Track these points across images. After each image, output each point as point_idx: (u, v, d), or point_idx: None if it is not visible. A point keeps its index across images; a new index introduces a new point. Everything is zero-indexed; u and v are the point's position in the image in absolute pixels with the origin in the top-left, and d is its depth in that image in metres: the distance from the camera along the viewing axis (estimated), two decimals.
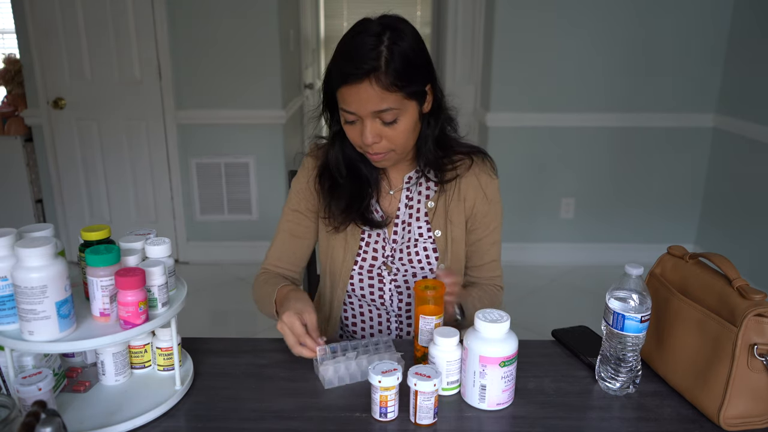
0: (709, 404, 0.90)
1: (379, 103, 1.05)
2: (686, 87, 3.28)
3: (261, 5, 3.20)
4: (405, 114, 1.09)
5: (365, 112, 1.07)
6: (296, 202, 1.27)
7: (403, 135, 1.11)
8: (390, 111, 1.07)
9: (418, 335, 1.03)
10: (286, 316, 1.01)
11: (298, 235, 1.28)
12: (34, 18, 3.16)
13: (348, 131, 1.13)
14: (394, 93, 1.05)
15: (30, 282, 0.80)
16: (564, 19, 3.18)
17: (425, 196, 1.24)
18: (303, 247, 1.29)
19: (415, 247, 1.23)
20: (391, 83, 1.04)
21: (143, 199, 3.49)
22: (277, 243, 1.29)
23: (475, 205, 1.24)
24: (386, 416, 0.90)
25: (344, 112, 1.09)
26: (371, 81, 1.03)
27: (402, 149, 1.14)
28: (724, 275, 0.93)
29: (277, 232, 1.30)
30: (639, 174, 3.42)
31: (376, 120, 1.08)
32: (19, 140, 3.44)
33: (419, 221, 1.24)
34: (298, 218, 1.27)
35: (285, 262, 1.29)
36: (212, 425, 0.91)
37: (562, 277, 3.38)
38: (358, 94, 1.05)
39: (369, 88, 1.04)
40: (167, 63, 3.23)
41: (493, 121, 3.34)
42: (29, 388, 0.81)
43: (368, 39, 1.05)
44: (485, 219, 1.25)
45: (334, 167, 1.21)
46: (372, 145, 1.10)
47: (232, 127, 3.39)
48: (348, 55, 1.06)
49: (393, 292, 1.25)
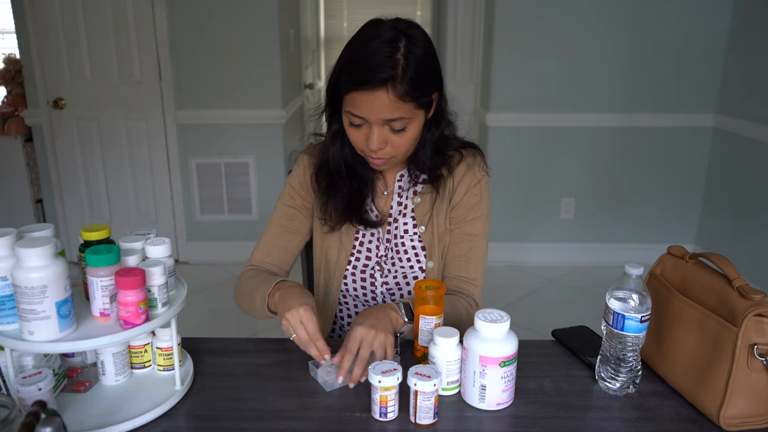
0: (709, 404, 0.90)
1: (392, 112, 1.04)
2: (686, 87, 3.28)
3: (261, 5, 3.20)
4: (413, 123, 1.09)
5: (376, 119, 1.05)
6: (291, 198, 1.26)
7: (408, 143, 1.10)
8: (401, 120, 1.06)
9: (418, 335, 1.03)
10: (304, 310, 0.99)
11: (291, 229, 1.26)
12: (34, 18, 3.16)
13: (351, 133, 1.11)
14: (407, 103, 1.04)
15: (30, 282, 0.80)
16: (564, 19, 3.18)
17: (413, 192, 1.24)
18: (294, 242, 1.27)
19: (403, 246, 1.23)
20: (406, 93, 1.03)
21: (143, 199, 3.49)
22: (268, 237, 1.26)
23: (458, 196, 1.21)
24: (386, 416, 0.90)
25: (351, 116, 1.08)
26: (387, 90, 1.02)
27: (404, 156, 1.14)
28: (724, 275, 0.93)
29: (267, 227, 1.27)
30: (639, 174, 3.42)
31: (384, 127, 1.07)
32: (19, 140, 3.44)
33: (406, 217, 1.23)
34: (292, 213, 1.26)
35: (275, 257, 1.25)
36: (212, 425, 0.91)
37: (562, 277, 3.38)
38: (372, 101, 1.03)
39: (384, 97, 1.02)
40: (167, 63, 3.23)
41: (493, 121, 3.34)
42: (29, 388, 0.81)
43: (384, 46, 1.02)
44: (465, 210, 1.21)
45: (334, 166, 1.19)
46: (377, 151, 1.09)
47: (232, 127, 3.39)
48: (364, 61, 1.03)
49: (385, 295, 1.25)
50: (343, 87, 1.07)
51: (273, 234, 1.26)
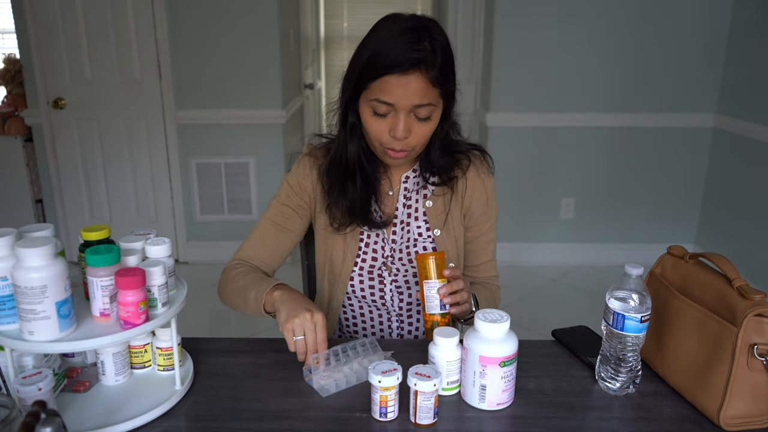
0: (709, 404, 0.90)
1: (423, 97, 1.04)
2: (686, 87, 3.28)
3: (261, 5, 3.21)
4: (436, 113, 1.09)
5: (407, 104, 1.04)
6: (287, 197, 1.25)
7: (429, 133, 1.10)
8: (428, 107, 1.06)
9: (425, 304, 1.04)
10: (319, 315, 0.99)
11: (285, 228, 1.24)
12: (34, 18, 3.16)
13: (374, 124, 1.09)
14: (436, 89, 1.05)
15: (30, 282, 0.80)
16: (564, 19, 3.19)
17: (423, 195, 1.24)
18: (287, 241, 1.25)
19: (414, 247, 1.23)
20: (437, 78, 1.04)
21: (143, 199, 3.49)
22: (259, 234, 1.24)
23: (472, 202, 1.24)
24: (386, 416, 0.90)
25: (378, 104, 1.06)
26: (421, 72, 1.02)
27: (420, 149, 1.13)
28: (724, 275, 0.93)
29: (259, 224, 1.26)
30: (639, 174, 3.43)
31: (411, 114, 1.07)
32: (19, 140, 3.44)
33: (418, 221, 1.23)
34: (287, 212, 1.25)
35: (265, 255, 1.24)
36: (212, 425, 0.91)
37: (562, 277, 3.38)
38: (405, 84, 1.03)
39: (419, 79, 1.03)
40: (167, 63, 3.23)
41: (493, 121, 3.34)
42: (29, 388, 0.81)
43: (410, 33, 1.03)
44: (482, 217, 1.25)
45: (353, 162, 1.17)
46: (402, 140, 1.08)
47: (232, 127, 3.39)
48: (393, 47, 1.02)
49: (394, 293, 1.25)
50: (369, 75, 1.05)
51: (265, 231, 1.25)
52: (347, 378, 0.99)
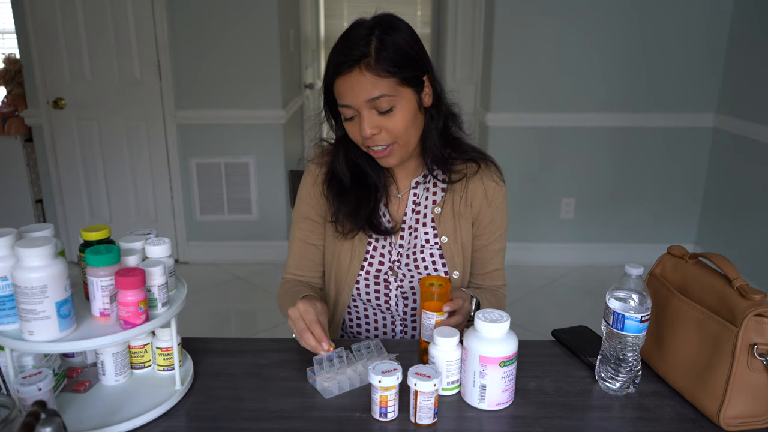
0: (708, 404, 0.90)
1: (371, 90, 1.05)
2: (686, 87, 3.28)
3: (261, 5, 3.21)
4: (401, 102, 1.08)
5: (359, 101, 1.06)
6: (305, 210, 1.27)
7: (401, 124, 1.09)
8: (384, 98, 1.06)
9: (422, 329, 1.05)
10: (302, 303, 1.03)
11: (312, 242, 1.28)
12: (34, 18, 3.16)
13: (349, 129, 1.13)
14: (385, 79, 1.05)
15: (30, 282, 0.80)
16: (564, 19, 3.18)
17: (432, 202, 1.23)
18: (319, 253, 1.29)
19: (421, 253, 1.22)
20: (383, 69, 1.04)
21: (143, 199, 3.49)
22: (294, 252, 1.30)
23: (480, 210, 1.23)
24: (386, 416, 0.90)
25: (342, 108, 1.10)
26: (361, 68, 1.04)
27: (404, 141, 1.12)
28: (724, 275, 0.93)
29: (291, 240, 1.31)
30: (639, 174, 3.43)
31: (372, 110, 1.07)
32: (19, 140, 3.45)
33: (426, 227, 1.23)
34: (309, 225, 1.27)
35: (304, 269, 1.30)
36: (212, 425, 0.91)
37: (562, 277, 3.38)
38: (350, 82, 1.05)
39: (360, 76, 1.04)
40: (167, 63, 3.24)
41: (493, 121, 3.34)
42: (29, 388, 0.81)
43: (360, 30, 1.07)
44: (490, 226, 1.24)
45: (341, 173, 1.20)
46: (372, 137, 1.09)
47: (232, 127, 3.39)
48: (339, 47, 1.08)
49: (399, 298, 1.25)
50: (327, 85, 1.10)
51: (298, 249, 1.30)
52: (351, 380, 0.99)
